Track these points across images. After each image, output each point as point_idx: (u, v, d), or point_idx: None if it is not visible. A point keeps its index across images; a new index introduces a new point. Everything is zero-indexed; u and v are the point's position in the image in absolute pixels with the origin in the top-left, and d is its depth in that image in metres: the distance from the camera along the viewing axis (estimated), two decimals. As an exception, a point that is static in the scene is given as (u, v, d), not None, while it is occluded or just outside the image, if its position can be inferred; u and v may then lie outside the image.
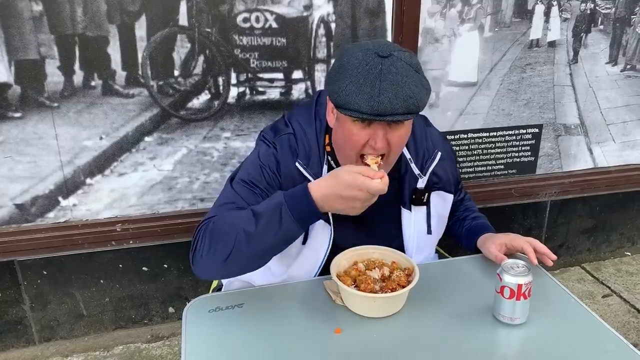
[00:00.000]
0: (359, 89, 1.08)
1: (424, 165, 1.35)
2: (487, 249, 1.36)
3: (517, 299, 1.13)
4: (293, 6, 1.90)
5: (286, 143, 1.29)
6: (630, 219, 2.75)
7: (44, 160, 1.87)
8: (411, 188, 1.33)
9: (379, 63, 1.08)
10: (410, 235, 1.38)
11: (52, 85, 1.79)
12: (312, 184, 1.10)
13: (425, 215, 1.38)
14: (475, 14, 2.10)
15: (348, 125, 1.15)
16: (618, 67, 2.36)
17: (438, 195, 1.39)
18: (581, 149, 2.47)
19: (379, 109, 1.07)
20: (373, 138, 1.14)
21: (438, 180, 1.38)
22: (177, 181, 2.02)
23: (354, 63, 1.10)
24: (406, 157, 1.34)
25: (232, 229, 1.12)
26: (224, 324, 1.18)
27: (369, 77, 1.08)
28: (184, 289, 2.21)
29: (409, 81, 1.09)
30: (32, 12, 1.69)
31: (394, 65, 1.09)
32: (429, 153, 1.36)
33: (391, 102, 1.07)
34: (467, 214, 1.54)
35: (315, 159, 1.26)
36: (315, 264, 1.32)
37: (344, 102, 1.09)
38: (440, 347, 1.11)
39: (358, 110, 1.08)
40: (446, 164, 1.40)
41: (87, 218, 1.99)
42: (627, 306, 2.42)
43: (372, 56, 1.09)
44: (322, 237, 1.30)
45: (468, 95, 2.22)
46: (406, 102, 1.08)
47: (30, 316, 2.09)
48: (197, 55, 1.88)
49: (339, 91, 1.10)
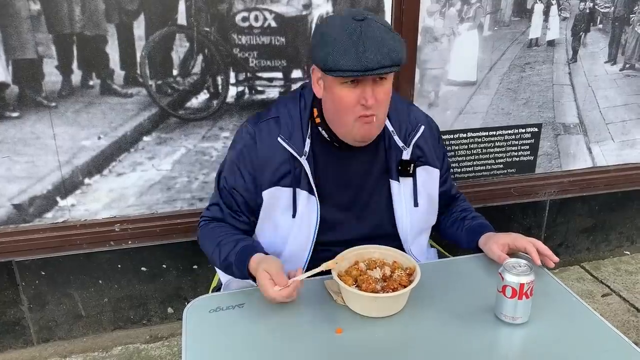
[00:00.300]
0: (346, 51, 1.17)
1: (407, 138, 1.41)
2: (490, 248, 1.36)
3: (519, 299, 1.12)
4: (292, 5, 1.89)
5: (266, 128, 1.37)
6: (630, 218, 2.76)
7: (41, 160, 1.86)
8: (397, 160, 1.39)
9: (357, 26, 1.18)
10: (400, 207, 1.41)
11: (50, 85, 1.78)
12: (252, 262, 1.24)
13: (412, 188, 1.42)
14: (475, 13, 2.10)
15: (337, 90, 1.23)
16: (617, 66, 2.36)
17: (424, 170, 1.43)
18: (580, 148, 2.47)
19: (367, 65, 1.16)
20: (363, 96, 1.22)
21: (422, 153, 1.43)
22: (175, 181, 2.01)
23: (335, 30, 1.20)
24: (389, 129, 1.40)
25: (207, 248, 1.41)
26: (224, 324, 1.17)
27: (352, 39, 1.17)
28: (183, 289, 2.21)
29: (387, 37, 1.19)
30: (29, 11, 1.68)
31: (371, 26, 1.19)
32: (411, 127, 1.42)
33: (377, 57, 1.16)
34: (465, 214, 1.54)
35: (298, 134, 1.34)
36: (308, 237, 1.37)
37: (334, 65, 1.18)
38: (441, 346, 1.11)
39: (349, 69, 1.17)
40: (430, 139, 1.46)
41: (86, 218, 1.98)
42: (626, 305, 2.42)
43: (349, 21, 1.19)
44: (310, 209, 1.36)
45: (467, 95, 2.22)
46: (390, 55, 1.18)
47: (28, 317, 2.08)
48: (196, 55, 1.87)
49: (327, 57, 1.18)
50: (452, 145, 2.28)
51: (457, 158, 2.31)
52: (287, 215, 1.36)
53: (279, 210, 1.37)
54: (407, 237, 1.42)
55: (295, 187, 1.34)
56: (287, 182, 1.34)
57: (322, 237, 1.38)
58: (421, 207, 1.43)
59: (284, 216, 1.36)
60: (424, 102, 2.16)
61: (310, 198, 1.35)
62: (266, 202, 1.37)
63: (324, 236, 1.38)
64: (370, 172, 1.38)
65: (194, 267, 2.18)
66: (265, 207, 1.38)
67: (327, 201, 1.37)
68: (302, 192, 1.34)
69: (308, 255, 1.38)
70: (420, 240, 1.49)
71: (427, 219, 1.48)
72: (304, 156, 1.33)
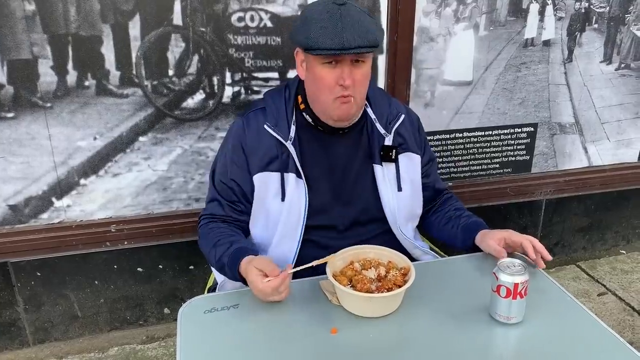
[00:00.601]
0: (325, 31, 1.24)
1: (389, 125, 1.47)
2: (487, 243, 1.38)
3: (514, 298, 1.13)
4: (288, 5, 1.89)
5: (253, 117, 1.44)
6: (625, 217, 2.76)
7: (37, 160, 1.85)
8: (379, 145, 1.45)
9: (337, 9, 1.26)
10: (385, 191, 1.45)
11: (45, 85, 1.78)
12: (242, 262, 1.26)
13: (395, 173, 1.47)
14: (470, 13, 2.10)
15: (317, 70, 1.30)
16: (612, 66, 2.37)
17: (406, 157, 1.48)
18: (576, 147, 2.47)
19: (344, 44, 1.23)
20: (341, 77, 1.28)
21: (403, 140, 1.48)
22: (172, 181, 2.01)
23: (317, 12, 1.28)
24: (371, 117, 1.47)
25: (204, 248, 1.44)
26: (219, 324, 1.17)
27: (331, 21, 1.25)
28: (179, 289, 2.20)
29: (365, 21, 1.27)
30: (24, 11, 1.68)
31: (350, 10, 1.27)
32: (392, 115, 1.49)
33: (353, 37, 1.23)
34: (460, 213, 1.56)
35: (283, 121, 1.41)
36: (298, 221, 1.40)
37: (314, 44, 1.25)
38: (436, 346, 1.11)
39: (327, 48, 1.24)
40: (410, 127, 1.51)
41: (81, 219, 1.97)
42: (622, 304, 2.43)
43: (330, 5, 1.27)
44: (299, 192, 1.39)
45: (463, 95, 2.22)
46: (366, 36, 1.25)
47: (24, 318, 2.07)
48: (192, 55, 1.87)
49: (308, 37, 1.26)
50: (448, 145, 2.29)
51: (454, 158, 2.32)
52: (277, 199, 1.40)
53: (270, 195, 1.41)
54: (396, 221, 1.46)
55: (283, 171, 1.39)
56: (275, 167, 1.40)
57: (312, 221, 1.41)
58: (405, 191, 1.47)
59: (274, 201, 1.40)
60: (420, 102, 2.17)
61: (299, 181, 1.39)
62: (257, 188, 1.41)
63: (313, 220, 1.41)
64: (354, 156, 1.44)
65: (190, 268, 2.18)
66: (257, 194, 1.42)
67: (315, 185, 1.41)
68: (290, 175, 1.39)
69: (299, 239, 1.41)
70: (408, 229, 1.51)
71: (412, 204, 1.51)
72: (289, 141, 1.38)
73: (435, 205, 1.60)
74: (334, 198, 1.43)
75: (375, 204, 1.45)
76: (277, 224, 1.41)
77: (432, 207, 1.60)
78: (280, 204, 1.40)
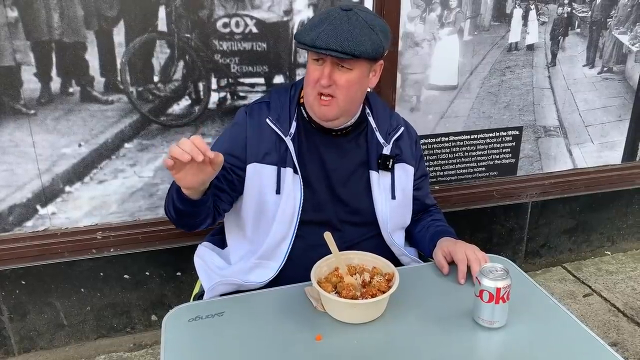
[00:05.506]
0: (309, 27, 1.29)
1: (388, 136, 1.51)
2: (435, 253, 1.43)
3: (496, 303, 1.14)
4: (273, 11, 1.89)
5: (257, 108, 1.47)
6: (610, 218, 2.80)
7: (21, 168, 1.83)
8: (378, 153, 1.48)
9: (336, 13, 1.30)
10: (379, 197, 1.47)
11: (29, 92, 1.76)
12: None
13: (390, 182, 1.49)
14: (455, 18, 2.12)
15: (308, 64, 1.36)
16: (595, 70, 2.40)
17: (401, 168, 1.52)
18: (561, 150, 2.50)
19: (315, 42, 1.26)
20: (321, 74, 1.31)
21: (400, 152, 1.52)
22: (158, 188, 2.00)
23: (325, 12, 1.33)
24: (372, 125, 1.50)
25: (166, 204, 1.44)
26: (203, 333, 1.17)
27: (321, 20, 1.29)
28: (167, 296, 2.19)
29: (354, 30, 1.27)
30: (7, 18, 1.66)
31: (348, 16, 1.29)
32: (392, 127, 1.53)
33: (327, 38, 1.25)
34: (434, 223, 1.59)
35: (285, 117, 1.43)
36: (293, 215, 1.42)
37: (297, 35, 1.32)
38: (420, 351, 1.11)
39: (301, 41, 1.29)
40: (407, 141, 1.55)
41: (67, 226, 1.96)
42: (607, 305, 2.45)
43: (335, 9, 1.32)
44: (295, 187, 1.41)
45: (449, 99, 2.24)
46: (344, 42, 1.25)
47: (8, 327, 2.05)
48: (177, 61, 1.86)
49: (300, 28, 1.32)
50: (434, 149, 2.30)
51: (440, 162, 2.33)
52: (272, 192, 1.42)
53: (264, 188, 1.42)
54: (387, 227, 1.48)
55: (281, 166, 1.41)
56: (272, 161, 1.41)
57: (306, 216, 1.43)
58: (398, 200, 1.50)
59: (269, 194, 1.42)
60: (406, 106, 2.18)
61: (295, 177, 1.42)
62: (249, 177, 1.42)
63: (307, 215, 1.43)
64: (351, 158, 1.48)
65: (177, 274, 2.17)
66: (248, 184, 1.42)
67: (311, 181, 1.44)
68: (288, 170, 1.41)
69: (292, 234, 1.42)
70: (398, 236, 1.54)
71: (404, 213, 1.54)
72: (289, 136, 1.41)
73: (418, 216, 1.62)
74: (328, 196, 1.46)
75: (368, 208, 1.48)
76: (272, 216, 1.43)
77: (416, 217, 1.62)
78: (275, 197, 1.42)
